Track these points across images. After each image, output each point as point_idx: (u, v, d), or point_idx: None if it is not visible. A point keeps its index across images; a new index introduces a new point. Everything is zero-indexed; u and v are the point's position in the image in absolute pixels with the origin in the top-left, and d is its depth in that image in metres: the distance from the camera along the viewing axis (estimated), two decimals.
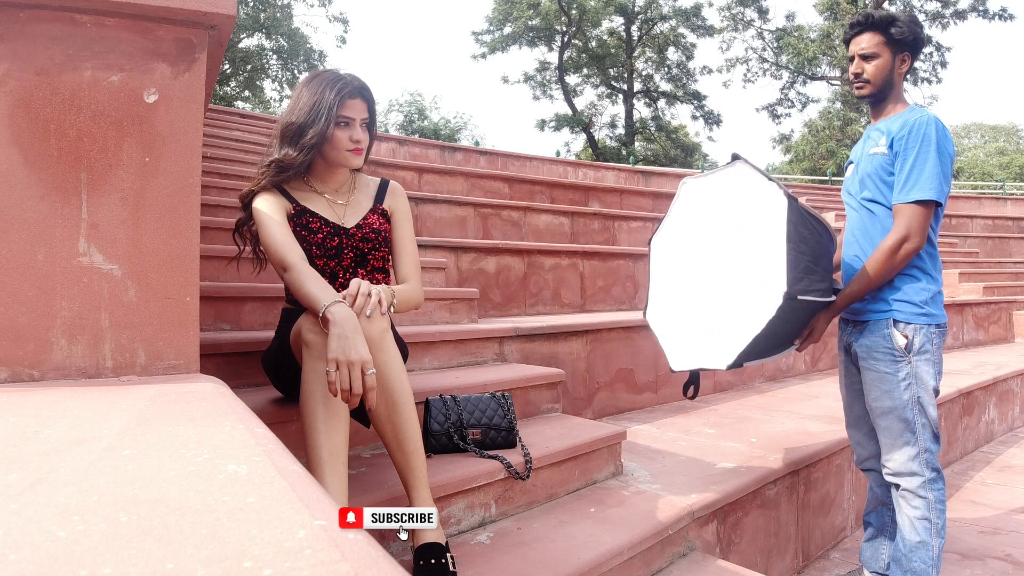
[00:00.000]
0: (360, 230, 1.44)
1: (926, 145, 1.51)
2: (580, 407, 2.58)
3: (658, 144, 22.06)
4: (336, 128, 1.36)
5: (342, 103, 1.36)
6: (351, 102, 1.37)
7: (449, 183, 4.98)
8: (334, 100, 1.34)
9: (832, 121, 17.62)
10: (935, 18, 18.19)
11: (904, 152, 1.54)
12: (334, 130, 1.36)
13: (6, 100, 0.91)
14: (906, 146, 1.53)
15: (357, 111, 1.38)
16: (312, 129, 1.34)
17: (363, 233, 1.44)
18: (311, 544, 0.38)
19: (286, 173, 1.38)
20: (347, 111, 1.36)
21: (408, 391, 1.23)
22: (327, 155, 1.40)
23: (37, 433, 0.63)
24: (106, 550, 0.37)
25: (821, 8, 19.25)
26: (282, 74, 19.28)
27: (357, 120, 1.38)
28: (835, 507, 2.29)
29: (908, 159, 1.53)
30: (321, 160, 1.42)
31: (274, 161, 1.37)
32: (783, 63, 20.72)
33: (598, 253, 3.65)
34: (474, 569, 1.24)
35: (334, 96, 1.35)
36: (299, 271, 1.25)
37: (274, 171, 1.37)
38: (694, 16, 21.07)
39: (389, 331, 1.23)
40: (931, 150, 1.51)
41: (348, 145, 1.37)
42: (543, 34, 20.70)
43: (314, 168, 1.44)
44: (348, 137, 1.37)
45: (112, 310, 0.96)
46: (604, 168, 9.60)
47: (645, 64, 22.13)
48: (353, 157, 1.39)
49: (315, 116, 1.34)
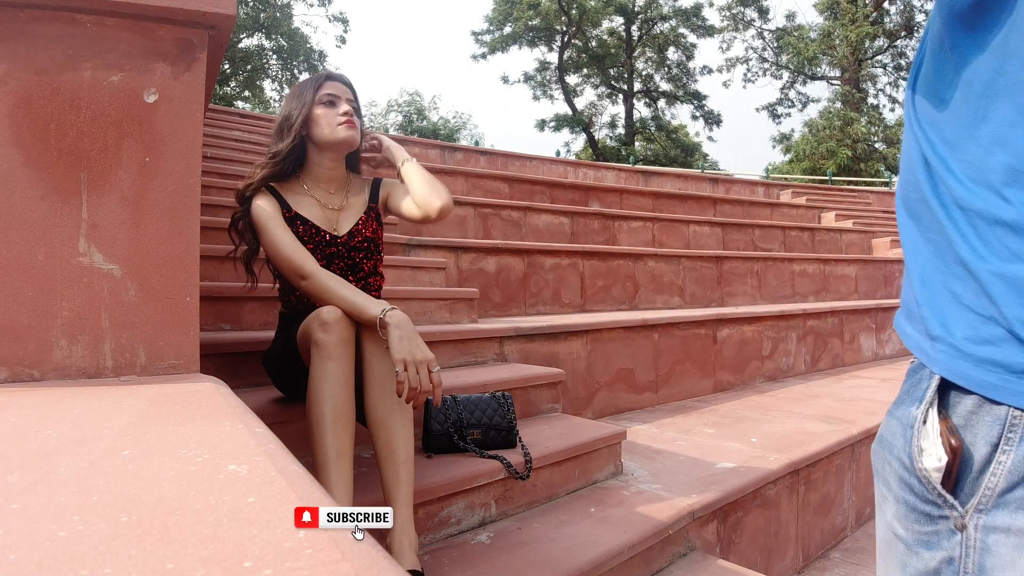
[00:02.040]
0: (352, 238, 1.42)
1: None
2: (580, 407, 2.58)
3: (658, 144, 22.05)
4: (321, 107, 1.38)
5: (321, 84, 1.40)
6: (331, 83, 1.41)
7: (449, 183, 4.96)
8: (313, 83, 1.41)
9: (832, 121, 17.60)
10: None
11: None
12: (318, 109, 1.38)
13: (6, 100, 0.91)
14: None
15: (340, 91, 1.42)
16: (295, 113, 1.38)
17: (355, 242, 1.42)
18: (311, 544, 0.38)
19: (280, 167, 1.39)
20: (329, 89, 1.40)
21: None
22: (317, 137, 1.39)
23: (37, 433, 0.63)
24: (106, 550, 0.37)
25: (821, 8, 19.25)
26: (282, 74, 19.26)
27: (342, 98, 1.41)
28: (835, 507, 2.29)
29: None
30: (314, 149, 1.41)
31: (269, 156, 1.39)
32: (783, 63, 20.72)
33: (598, 253, 3.65)
34: (474, 569, 1.24)
35: (313, 81, 1.42)
36: (321, 278, 1.27)
37: (269, 166, 1.38)
38: (694, 16, 21.06)
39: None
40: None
41: (338, 120, 1.38)
42: (543, 34, 20.69)
43: (308, 163, 1.43)
44: (336, 112, 1.39)
45: (112, 310, 0.96)
46: (604, 168, 9.60)
47: (645, 64, 22.13)
48: (346, 129, 1.39)
49: (298, 103, 1.39)
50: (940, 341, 0.58)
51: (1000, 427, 0.52)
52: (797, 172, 17.29)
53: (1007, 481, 0.51)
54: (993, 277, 0.53)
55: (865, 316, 4.48)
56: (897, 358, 4.71)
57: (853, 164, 17.01)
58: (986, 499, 0.52)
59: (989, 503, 0.52)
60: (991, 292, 0.53)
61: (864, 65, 19.12)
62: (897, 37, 19.06)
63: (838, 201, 9.54)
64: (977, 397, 0.54)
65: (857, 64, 18.69)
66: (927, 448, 0.57)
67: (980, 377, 0.54)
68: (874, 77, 19.72)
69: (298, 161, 1.42)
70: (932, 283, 0.59)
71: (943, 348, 0.58)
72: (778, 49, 20.61)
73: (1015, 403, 0.52)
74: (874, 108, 19.09)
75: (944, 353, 0.58)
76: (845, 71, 18.96)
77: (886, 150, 17.90)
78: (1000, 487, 0.51)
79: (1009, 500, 0.51)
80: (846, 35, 18.09)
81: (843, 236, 6.76)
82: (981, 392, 0.54)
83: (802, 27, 20.42)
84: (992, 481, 0.52)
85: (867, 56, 19.10)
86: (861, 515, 2.45)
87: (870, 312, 4.55)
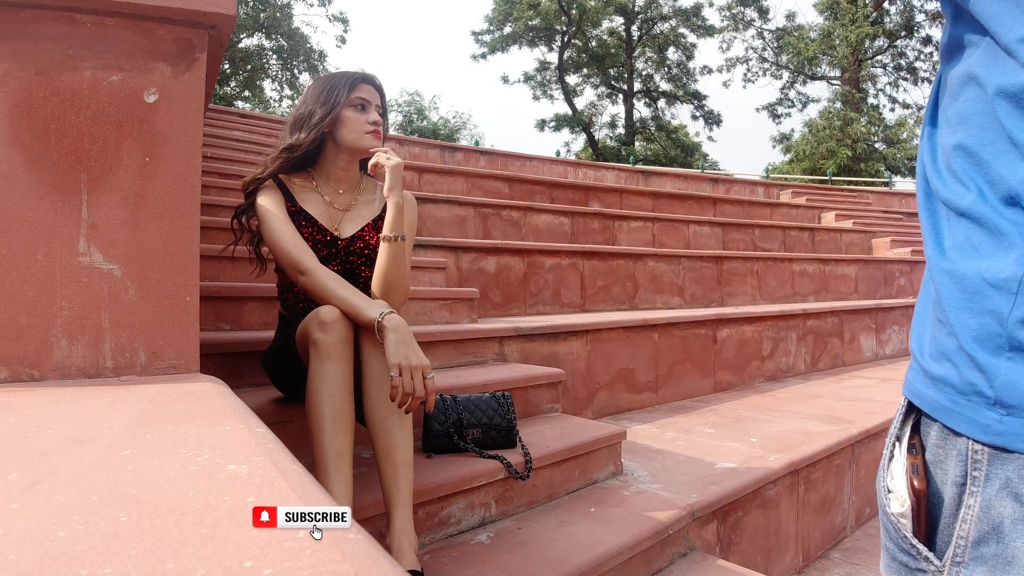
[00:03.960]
0: (353, 243, 1.39)
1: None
2: (580, 407, 2.58)
3: (658, 144, 22.04)
4: (352, 110, 1.36)
5: (355, 85, 1.37)
6: (365, 86, 1.39)
7: (449, 183, 4.98)
8: (348, 83, 1.37)
9: (832, 121, 17.60)
10: (935, 18, 18.18)
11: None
12: (348, 111, 1.35)
13: (6, 100, 0.91)
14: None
15: (371, 96, 1.39)
16: (322, 110, 1.34)
17: (356, 247, 1.39)
18: (311, 544, 0.38)
19: (295, 160, 1.37)
20: (362, 93, 1.38)
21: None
22: (341, 139, 1.37)
23: (37, 433, 0.63)
24: (106, 550, 0.37)
25: (821, 8, 19.24)
26: (282, 74, 19.25)
27: (373, 104, 1.39)
28: (835, 507, 2.29)
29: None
30: (332, 148, 1.39)
31: (284, 148, 1.36)
32: (783, 63, 20.71)
33: (598, 253, 3.65)
34: (474, 569, 1.24)
35: (347, 80, 1.37)
36: (320, 276, 1.25)
37: (283, 158, 1.36)
38: (694, 16, 21.05)
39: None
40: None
41: (366, 128, 1.36)
42: (543, 34, 20.68)
43: (322, 160, 1.41)
44: (366, 119, 1.37)
45: (112, 310, 0.96)
46: (604, 168, 9.60)
47: (645, 64, 22.12)
48: (373, 139, 1.38)
49: (326, 99, 1.35)
50: (914, 358, 0.50)
51: (963, 464, 0.44)
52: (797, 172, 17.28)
53: (978, 530, 0.43)
54: (944, 276, 0.45)
55: (865, 316, 4.48)
56: (897, 358, 4.71)
57: (853, 164, 17.00)
58: (961, 550, 0.44)
59: (965, 555, 0.43)
60: (941, 293, 0.46)
61: (864, 65, 19.12)
62: (897, 37, 19.05)
63: (838, 201, 9.53)
64: (939, 425, 0.46)
65: (857, 64, 18.69)
66: (895, 490, 0.49)
67: (933, 398, 0.46)
68: (874, 77, 19.72)
69: (311, 156, 1.40)
70: (922, 293, 0.51)
71: (913, 365, 0.50)
72: (778, 49, 20.60)
73: (968, 432, 0.43)
74: (874, 108, 19.08)
75: (912, 371, 0.50)
76: (845, 71, 18.95)
77: (886, 150, 17.90)
78: (972, 536, 0.43)
79: (985, 555, 0.42)
80: (846, 35, 18.09)
81: (843, 236, 6.76)
82: (934, 415, 0.46)
83: (802, 27, 20.42)
84: (964, 529, 0.43)
85: (867, 56, 19.10)
86: (861, 515, 2.45)
87: (870, 312, 4.55)
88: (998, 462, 0.41)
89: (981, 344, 0.42)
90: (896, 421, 0.51)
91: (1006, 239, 0.41)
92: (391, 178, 1.32)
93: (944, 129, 0.49)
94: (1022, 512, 0.40)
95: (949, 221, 0.47)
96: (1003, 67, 0.42)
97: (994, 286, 0.41)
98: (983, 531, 0.42)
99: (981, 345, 0.42)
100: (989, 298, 0.41)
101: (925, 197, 0.50)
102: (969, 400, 0.43)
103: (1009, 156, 0.41)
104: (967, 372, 0.43)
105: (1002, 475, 0.41)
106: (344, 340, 1.18)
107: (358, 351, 1.23)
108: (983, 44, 0.45)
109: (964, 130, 0.45)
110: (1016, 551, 0.40)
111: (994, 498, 0.42)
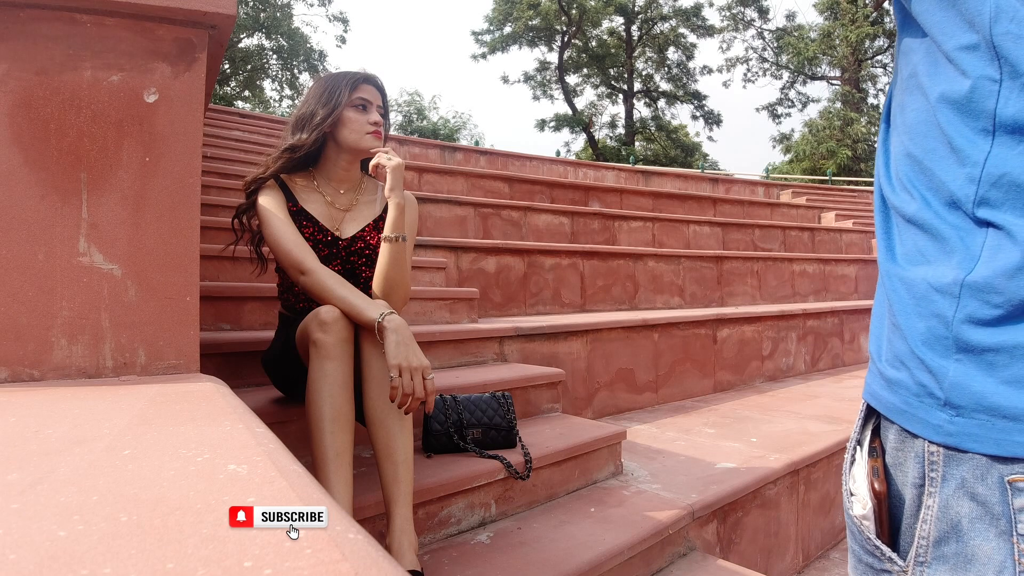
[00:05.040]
0: (354, 243, 1.39)
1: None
2: (580, 407, 2.58)
3: (658, 144, 22.05)
4: (353, 110, 1.36)
5: (357, 86, 1.38)
6: (366, 87, 1.39)
7: (449, 183, 4.98)
8: (349, 83, 1.37)
9: (832, 121, 17.61)
10: None
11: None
12: (349, 112, 1.36)
13: (6, 100, 0.91)
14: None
15: (373, 96, 1.40)
16: (324, 110, 1.35)
17: (356, 247, 1.39)
18: (311, 544, 0.38)
19: (296, 160, 1.37)
20: (363, 93, 1.38)
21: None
22: (342, 139, 1.37)
23: (37, 433, 0.63)
24: (106, 550, 0.37)
25: (821, 8, 19.25)
26: (282, 74, 19.26)
27: (374, 104, 1.39)
28: (835, 507, 2.29)
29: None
30: (333, 148, 1.39)
31: (286, 148, 1.36)
32: (783, 63, 20.72)
33: (598, 253, 3.65)
34: (474, 569, 1.24)
35: (349, 80, 1.37)
36: (320, 275, 1.25)
37: (285, 158, 1.36)
38: (694, 16, 21.06)
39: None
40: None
41: (367, 128, 1.37)
42: (543, 34, 20.69)
43: (324, 160, 1.41)
44: (367, 120, 1.37)
45: (112, 310, 0.96)
46: (604, 168, 9.60)
47: (645, 64, 22.12)
48: (374, 139, 1.38)
49: (328, 99, 1.35)
50: (872, 362, 0.52)
51: (921, 466, 0.45)
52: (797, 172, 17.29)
53: (938, 530, 0.44)
54: (895, 282, 0.47)
55: (865, 316, 4.48)
56: None
57: (853, 164, 17.01)
58: (923, 550, 0.45)
59: (927, 555, 0.45)
60: (891, 299, 0.47)
61: (864, 65, 19.12)
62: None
63: (838, 201, 9.54)
64: (897, 428, 0.48)
65: (857, 64, 18.69)
66: (856, 493, 0.50)
67: (889, 400, 0.48)
68: (874, 77, 19.72)
69: (312, 156, 1.40)
70: (877, 298, 0.53)
71: (871, 369, 0.52)
72: (778, 49, 20.61)
73: (923, 433, 0.45)
74: (874, 108, 19.08)
75: (871, 374, 0.52)
76: (845, 71, 18.96)
77: None
78: (933, 536, 0.44)
79: (947, 555, 0.44)
80: (846, 35, 18.09)
81: (843, 236, 6.76)
82: (891, 417, 0.48)
83: (802, 27, 20.43)
84: (924, 529, 0.45)
85: (867, 56, 19.10)
86: None
87: (870, 312, 4.54)
88: (953, 462, 0.43)
89: (930, 347, 0.44)
90: (857, 425, 0.53)
91: (947, 244, 0.43)
92: (392, 178, 1.32)
93: (894, 137, 0.50)
94: (979, 511, 0.42)
95: (899, 228, 0.48)
96: (945, 75, 0.44)
97: (939, 291, 0.43)
98: (943, 531, 0.44)
99: (930, 348, 0.44)
100: (935, 302, 0.43)
101: (880, 203, 0.51)
102: (922, 402, 0.45)
103: (949, 162, 0.43)
104: (919, 374, 0.45)
105: (958, 475, 0.43)
106: (344, 340, 1.18)
107: (358, 351, 1.23)
108: (927, 50, 0.46)
109: (909, 138, 0.47)
110: (975, 549, 0.42)
111: (951, 498, 0.43)
